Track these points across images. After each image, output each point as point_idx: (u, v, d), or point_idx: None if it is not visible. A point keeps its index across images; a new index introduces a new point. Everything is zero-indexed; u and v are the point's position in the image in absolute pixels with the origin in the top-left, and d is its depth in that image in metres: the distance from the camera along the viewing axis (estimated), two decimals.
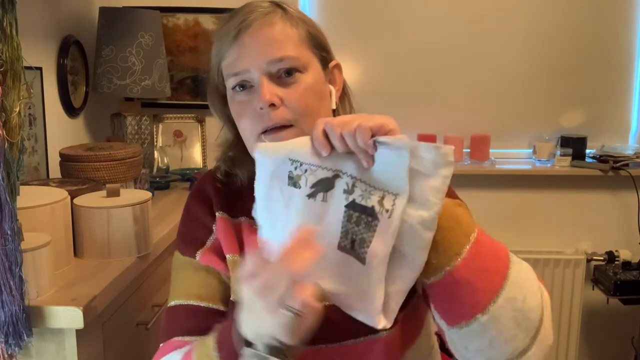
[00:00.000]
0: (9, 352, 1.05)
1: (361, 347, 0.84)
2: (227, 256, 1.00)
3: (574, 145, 2.40)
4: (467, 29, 2.39)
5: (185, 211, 1.07)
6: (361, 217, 0.78)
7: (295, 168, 0.81)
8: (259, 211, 0.85)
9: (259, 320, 0.73)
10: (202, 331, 0.95)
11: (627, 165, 2.35)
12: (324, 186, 0.80)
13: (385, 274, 0.77)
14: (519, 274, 0.81)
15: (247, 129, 0.93)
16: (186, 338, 0.96)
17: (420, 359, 1.05)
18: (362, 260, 0.78)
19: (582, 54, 2.40)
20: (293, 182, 0.81)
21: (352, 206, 0.79)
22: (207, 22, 2.32)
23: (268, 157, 0.83)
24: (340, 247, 0.80)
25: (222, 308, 0.99)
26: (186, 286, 1.00)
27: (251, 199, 1.02)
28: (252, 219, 1.01)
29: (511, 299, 0.79)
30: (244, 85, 0.92)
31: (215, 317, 0.98)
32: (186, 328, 0.96)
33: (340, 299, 0.82)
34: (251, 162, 0.99)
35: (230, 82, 0.93)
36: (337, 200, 0.80)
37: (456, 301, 0.79)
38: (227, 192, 1.04)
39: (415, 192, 0.76)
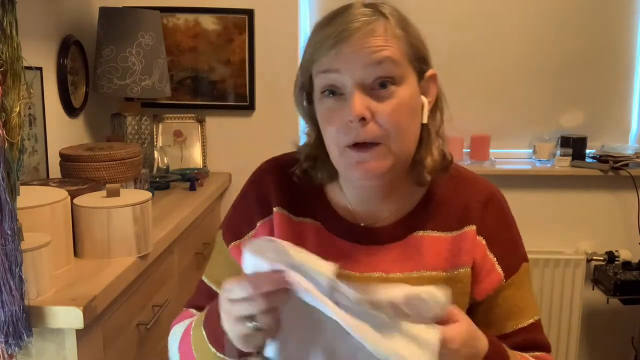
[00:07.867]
0: (9, 352, 1.05)
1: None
2: None
3: (574, 145, 2.40)
4: (466, 30, 2.39)
5: (240, 196, 1.05)
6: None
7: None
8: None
9: None
10: None
11: (627, 165, 2.35)
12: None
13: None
14: None
15: (332, 137, 0.90)
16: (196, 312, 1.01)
17: None
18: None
19: (582, 54, 2.40)
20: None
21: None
22: (207, 22, 2.31)
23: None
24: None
25: None
26: (215, 269, 1.04)
27: (322, 201, 1.00)
28: (318, 221, 0.99)
29: None
30: (334, 92, 0.89)
31: None
32: (201, 305, 1.00)
33: None
34: (331, 164, 0.96)
35: (320, 86, 0.90)
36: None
37: None
38: (290, 189, 1.00)
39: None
